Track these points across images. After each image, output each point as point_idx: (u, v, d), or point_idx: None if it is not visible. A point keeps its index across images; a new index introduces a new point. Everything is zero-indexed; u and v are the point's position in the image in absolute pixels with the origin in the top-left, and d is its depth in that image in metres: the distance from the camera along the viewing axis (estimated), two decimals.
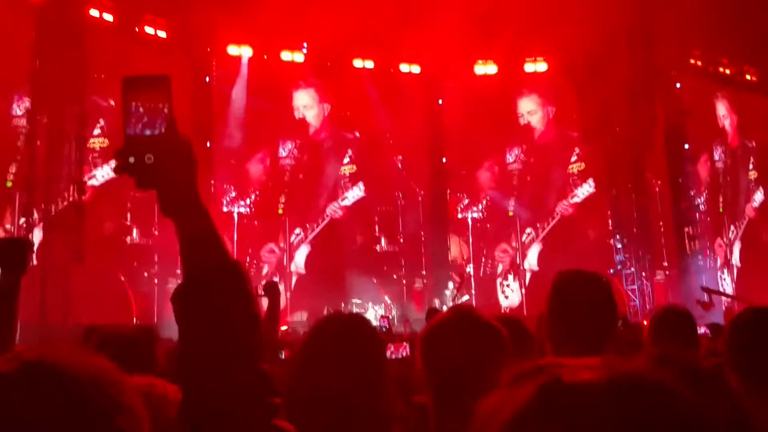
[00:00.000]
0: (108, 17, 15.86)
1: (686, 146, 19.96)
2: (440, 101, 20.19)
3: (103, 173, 15.90)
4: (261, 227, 18.46)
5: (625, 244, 18.18)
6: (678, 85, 20.09)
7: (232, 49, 18.02)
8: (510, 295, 19.59)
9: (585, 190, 19.64)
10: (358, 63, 19.04)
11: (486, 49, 19.02)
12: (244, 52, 18.10)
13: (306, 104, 19.01)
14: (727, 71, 21.16)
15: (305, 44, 18.40)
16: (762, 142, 22.28)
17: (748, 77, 21.45)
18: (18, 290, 2.69)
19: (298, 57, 18.59)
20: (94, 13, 15.54)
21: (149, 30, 16.67)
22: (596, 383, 0.76)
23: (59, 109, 14.17)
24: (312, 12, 15.83)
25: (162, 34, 16.82)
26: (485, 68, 19.77)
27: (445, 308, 14.54)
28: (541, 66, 19.73)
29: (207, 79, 17.90)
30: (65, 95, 14.09)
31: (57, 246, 13.67)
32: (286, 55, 18.50)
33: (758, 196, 22.11)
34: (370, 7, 15.03)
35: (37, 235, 13.92)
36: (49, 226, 13.85)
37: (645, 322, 8.27)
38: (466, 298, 17.92)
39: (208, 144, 17.13)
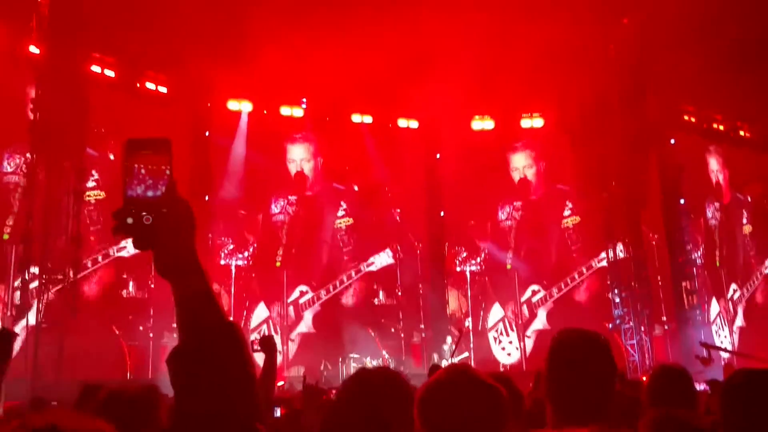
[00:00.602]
0: (109, 73, 16.12)
1: (682, 201, 20.08)
2: (438, 155, 20.38)
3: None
4: (259, 280, 18.37)
5: (623, 298, 18.08)
6: (672, 141, 20.34)
7: (232, 104, 18.26)
8: (513, 352, 19.38)
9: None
10: (356, 118, 19.30)
11: (483, 105, 19.31)
12: (244, 107, 18.34)
13: (303, 158, 19.16)
14: (721, 127, 21.43)
15: (304, 99, 18.66)
16: (756, 197, 22.43)
17: (741, 133, 21.71)
18: (3, 377, 2.69)
19: (298, 112, 18.83)
20: (95, 69, 15.80)
21: (150, 85, 16.91)
22: None
23: (58, 163, 14.23)
24: (311, 68, 16.10)
25: (163, 89, 17.07)
26: (482, 123, 20.02)
27: (444, 363, 14.40)
28: (537, 122, 19.97)
29: (207, 133, 18.08)
30: (64, 149, 14.17)
31: (52, 301, 13.60)
32: (285, 110, 18.74)
33: None
34: (369, 63, 15.28)
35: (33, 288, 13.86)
36: (46, 281, 13.79)
37: (644, 378, 8.16)
38: (465, 355, 17.73)
39: (206, 198, 17.22)
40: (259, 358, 5.07)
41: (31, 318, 13.64)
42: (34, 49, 14.47)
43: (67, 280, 13.89)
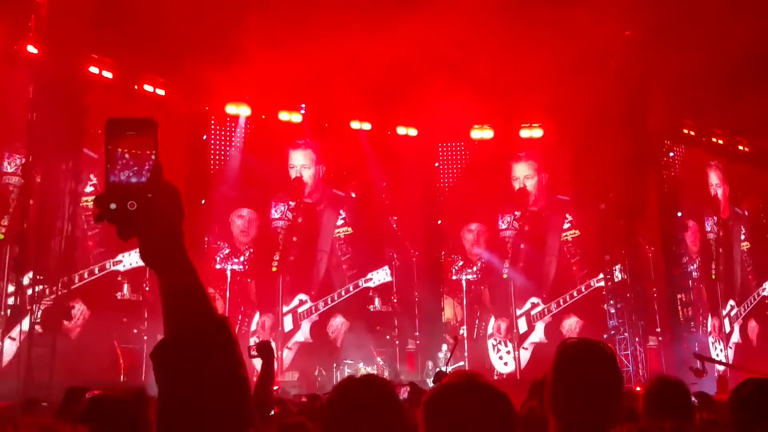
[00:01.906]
0: (107, 74, 16.03)
1: (679, 214, 20.08)
2: (436, 164, 20.35)
3: (131, 260, 15.78)
4: (255, 285, 18.27)
5: (618, 309, 18.06)
6: (671, 154, 20.36)
7: (230, 108, 18.19)
8: (510, 361, 19.29)
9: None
10: (355, 124, 19.25)
11: (483, 114, 19.29)
12: (242, 111, 18.26)
13: (303, 164, 19.06)
14: (720, 141, 21.45)
15: (303, 105, 18.62)
16: (754, 212, 22.40)
17: (741, 148, 21.74)
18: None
19: (296, 117, 18.77)
20: (93, 70, 15.70)
21: (148, 88, 16.84)
22: None
23: (54, 164, 14.13)
24: (310, 73, 16.06)
25: (160, 92, 16.99)
26: (482, 133, 19.99)
27: (447, 370, 14.36)
28: (536, 132, 19.94)
29: (204, 137, 18.03)
30: (61, 150, 14.07)
31: (47, 304, 13.51)
32: (284, 115, 18.69)
33: None
34: (369, 69, 15.26)
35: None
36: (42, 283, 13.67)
37: (638, 389, 8.11)
38: (460, 364, 17.66)
39: (203, 201, 17.14)
40: (257, 363, 5.02)
41: (25, 320, 13.53)
42: (32, 49, 14.40)
43: (62, 285, 13.77)
